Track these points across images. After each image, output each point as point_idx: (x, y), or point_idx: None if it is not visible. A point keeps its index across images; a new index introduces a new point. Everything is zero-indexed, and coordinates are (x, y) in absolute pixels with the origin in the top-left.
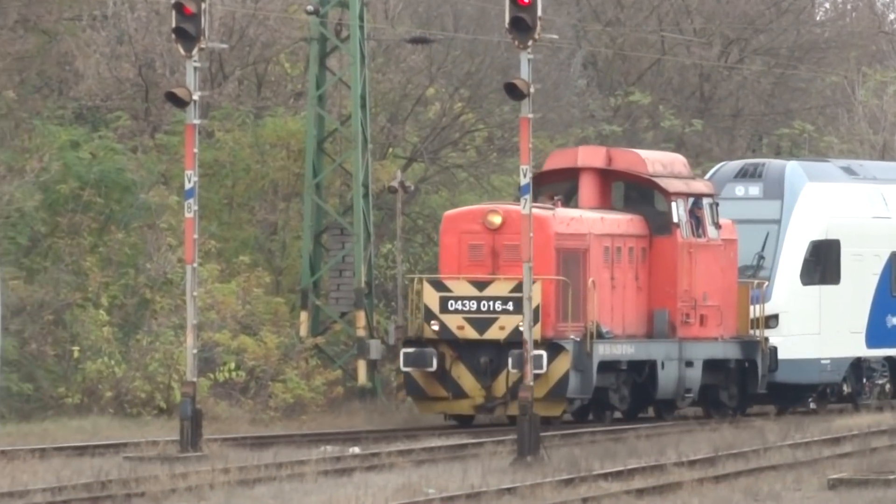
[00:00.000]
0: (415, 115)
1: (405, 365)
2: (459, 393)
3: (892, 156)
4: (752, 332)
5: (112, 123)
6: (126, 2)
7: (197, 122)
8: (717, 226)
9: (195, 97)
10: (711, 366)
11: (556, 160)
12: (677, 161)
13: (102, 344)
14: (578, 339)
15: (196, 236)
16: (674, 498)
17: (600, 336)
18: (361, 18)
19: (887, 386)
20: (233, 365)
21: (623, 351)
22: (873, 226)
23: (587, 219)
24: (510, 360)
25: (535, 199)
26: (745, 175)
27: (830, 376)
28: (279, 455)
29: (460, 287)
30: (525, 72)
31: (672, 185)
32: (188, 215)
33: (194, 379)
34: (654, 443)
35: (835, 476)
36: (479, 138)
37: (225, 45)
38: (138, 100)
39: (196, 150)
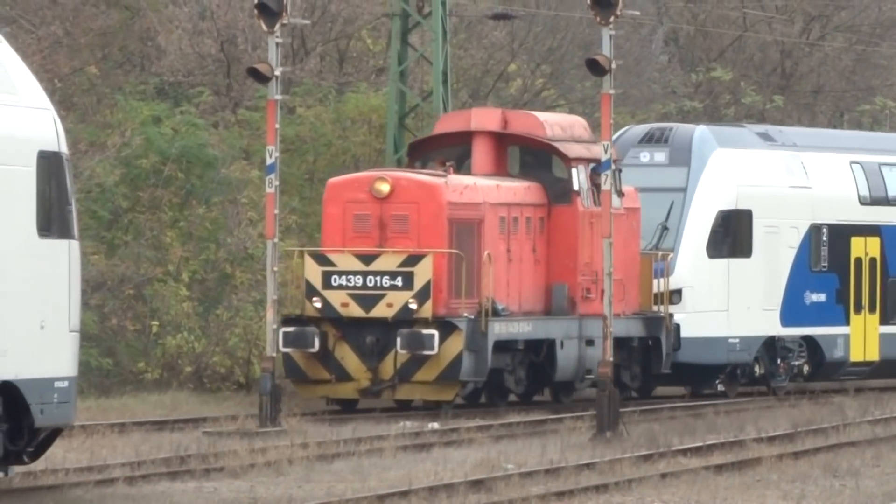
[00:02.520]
0: (496, 91)
1: (284, 345)
2: (343, 375)
3: None
4: (655, 307)
5: (194, 99)
6: None
7: (279, 97)
8: (620, 194)
9: (277, 73)
10: (613, 344)
11: (448, 123)
12: (577, 124)
13: (182, 319)
14: (472, 318)
15: (277, 211)
16: (752, 474)
17: (496, 313)
18: None
19: (805, 367)
20: None
21: (520, 329)
22: (791, 196)
23: (482, 186)
24: (399, 340)
25: (424, 166)
26: (650, 140)
27: (740, 356)
28: (358, 430)
29: (345, 261)
30: (607, 48)
31: (572, 150)
32: (269, 190)
33: (274, 354)
34: (732, 419)
35: None
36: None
37: (307, 21)
38: (220, 75)
39: (277, 126)
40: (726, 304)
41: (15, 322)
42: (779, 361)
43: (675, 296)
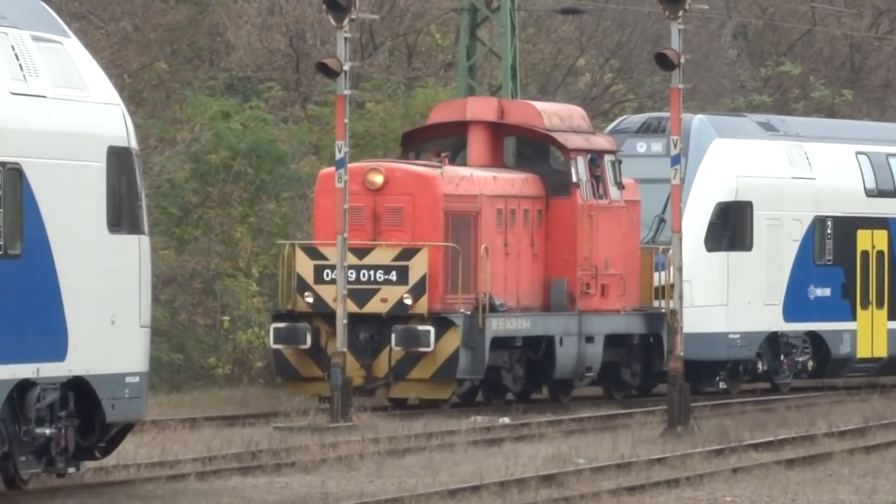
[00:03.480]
0: (565, 85)
1: (275, 342)
2: None
3: None
4: (655, 303)
5: (263, 94)
6: None
7: (347, 92)
8: (620, 186)
9: (346, 68)
10: (613, 341)
11: (443, 112)
12: (576, 114)
13: (252, 314)
14: (469, 313)
15: (346, 206)
16: (824, 468)
17: (493, 309)
18: None
19: (809, 363)
20: None
21: (518, 326)
22: (793, 187)
23: (478, 178)
24: (393, 337)
25: (417, 156)
26: (647, 130)
27: (741, 352)
28: (429, 425)
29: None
30: (675, 42)
31: (571, 141)
32: (339, 185)
33: (344, 349)
34: (803, 413)
35: None
36: (629, 109)
37: (376, 16)
38: (289, 70)
39: (346, 121)
40: (726, 299)
41: (86, 318)
42: (782, 358)
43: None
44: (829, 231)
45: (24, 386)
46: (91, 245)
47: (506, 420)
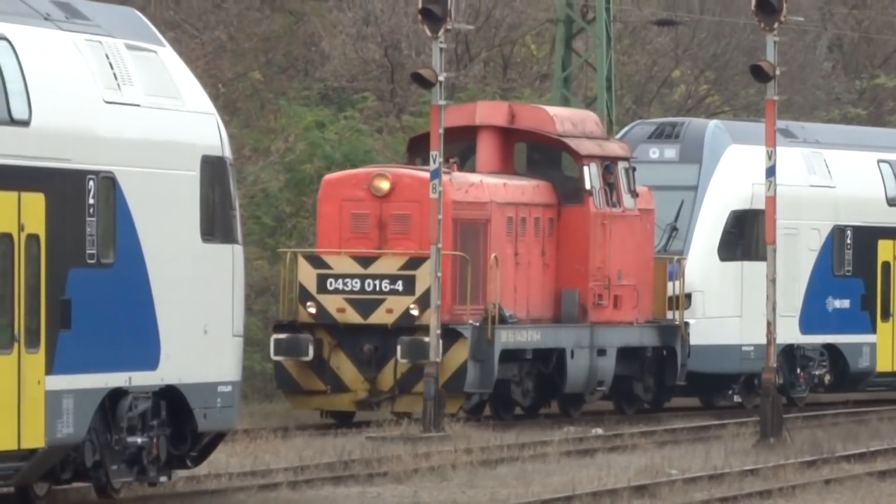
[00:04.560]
0: (660, 97)
1: (276, 353)
2: (339, 386)
3: None
4: (669, 314)
5: (358, 104)
6: None
7: (443, 103)
8: (634, 193)
9: (441, 78)
10: (626, 354)
11: (452, 117)
12: (589, 119)
13: None
14: (478, 325)
15: (440, 217)
16: None
17: (503, 321)
18: (608, 0)
19: (826, 377)
20: None
21: (528, 338)
22: (812, 195)
23: (488, 185)
24: (399, 349)
25: (425, 162)
26: (661, 135)
27: (755, 365)
28: (521, 436)
29: (341, 263)
30: (771, 54)
31: (584, 147)
32: (433, 196)
33: (438, 359)
34: (894, 424)
35: None
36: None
37: (471, 27)
38: (384, 80)
39: (442, 131)
40: (740, 310)
41: (178, 326)
42: (798, 371)
43: (685, 301)
44: (848, 241)
45: (117, 394)
46: (184, 254)
47: (599, 431)
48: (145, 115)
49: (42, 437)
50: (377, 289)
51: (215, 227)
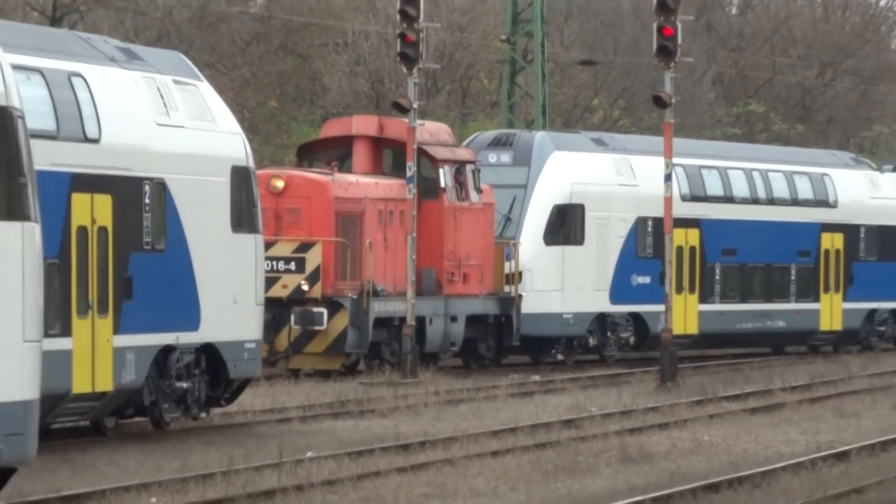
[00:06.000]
0: (583, 120)
1: None
2: None
3: None
4: (506, 288)
5: None
6: (362, 32)
7: (416, 124)
8: (479, 190)
9: (414, 105)
10: (473, 320)
11: (332, 128)
12: (443, 130)
13: None
14: (356, 297)
15: (415, 212)
16: (778, 415)
17: (375, 294)
18: (543, 45)
19: (631, 339)
20: None
21: (396, 308)
22: (620, 192)
23: (363, 184)
24: (292, 317)
25: (311, 165)
26: (497, 143)
27: (574, 329)
28: (477, 381)
29: None
30: (668, 87)
31: (439, 153)
32: (409, 197)
33: (413, 322)
34: (764, 373)
35: None
36: None
37: (438, 66)
38: (371, 108)
39: (416, 147)
40: (561, 285)
41: (215, 298)
42: (609, 334)
43: (518, 277)
44: (649, 229)
45: (167, 350)
46: (219, 242)
47: (536, 378)
48: (188, 134)
49: (111, 382)
50: (274, 268)
51: (242, 220)
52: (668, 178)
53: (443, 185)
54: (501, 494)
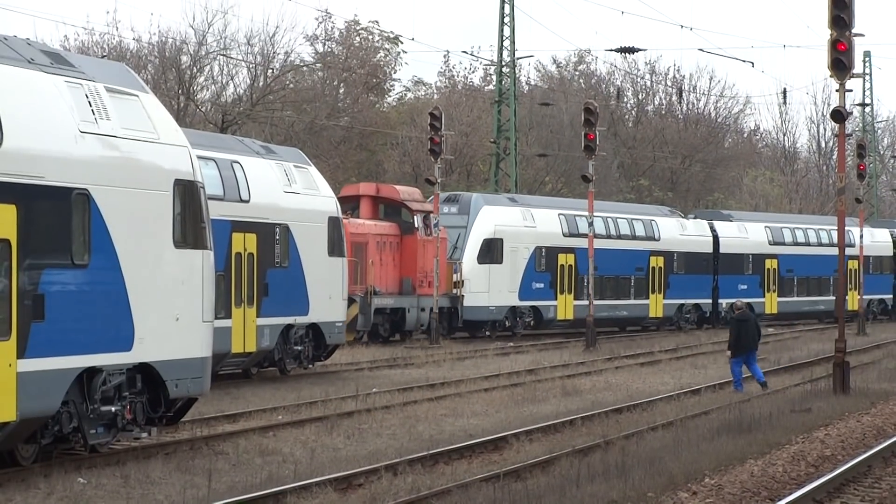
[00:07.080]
0: (539, 189)
1: None
2: None
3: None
4: (455, 291)
5: None
6: (408, 137)
7: (440, 194)
8: (438, 229)
9: (438, 181)
10: (433, 310)
11: (347, 191)
12: (416, 192)
13: None
14: (363, 295)
15: (438, 248)
16: (657, 367)
17: (375, 293)
18: (515, 145)
19: (531, 322)
20: None
21: (387, 302)
22: (525, 231)
23: (367, 224)
24: None
25: (345, 211)
26: (449, 200)
27: (495, 316)
28: (475, 347)
29: None
30: (590, 169)
31: (414, 206)
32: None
33: (437, 309)
34: (649, 341)
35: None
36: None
37: (452, 157)
38: (412, 182)
39: (440, 206)
40: (488, 289)
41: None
42: (517, 320)
43: (462, 284)
44: (543, 254)
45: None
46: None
47: (511, 345)
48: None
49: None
50: None
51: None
52: (590, 224)
53: (416, 226)
54: (490, 414)
